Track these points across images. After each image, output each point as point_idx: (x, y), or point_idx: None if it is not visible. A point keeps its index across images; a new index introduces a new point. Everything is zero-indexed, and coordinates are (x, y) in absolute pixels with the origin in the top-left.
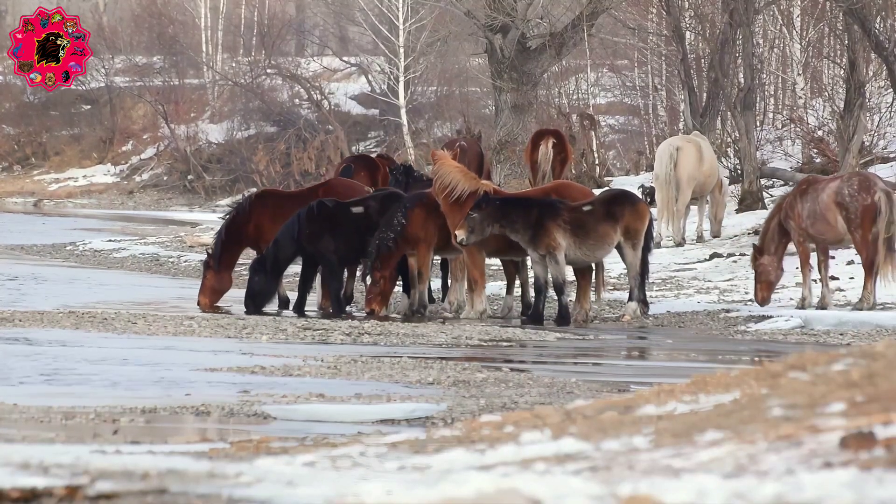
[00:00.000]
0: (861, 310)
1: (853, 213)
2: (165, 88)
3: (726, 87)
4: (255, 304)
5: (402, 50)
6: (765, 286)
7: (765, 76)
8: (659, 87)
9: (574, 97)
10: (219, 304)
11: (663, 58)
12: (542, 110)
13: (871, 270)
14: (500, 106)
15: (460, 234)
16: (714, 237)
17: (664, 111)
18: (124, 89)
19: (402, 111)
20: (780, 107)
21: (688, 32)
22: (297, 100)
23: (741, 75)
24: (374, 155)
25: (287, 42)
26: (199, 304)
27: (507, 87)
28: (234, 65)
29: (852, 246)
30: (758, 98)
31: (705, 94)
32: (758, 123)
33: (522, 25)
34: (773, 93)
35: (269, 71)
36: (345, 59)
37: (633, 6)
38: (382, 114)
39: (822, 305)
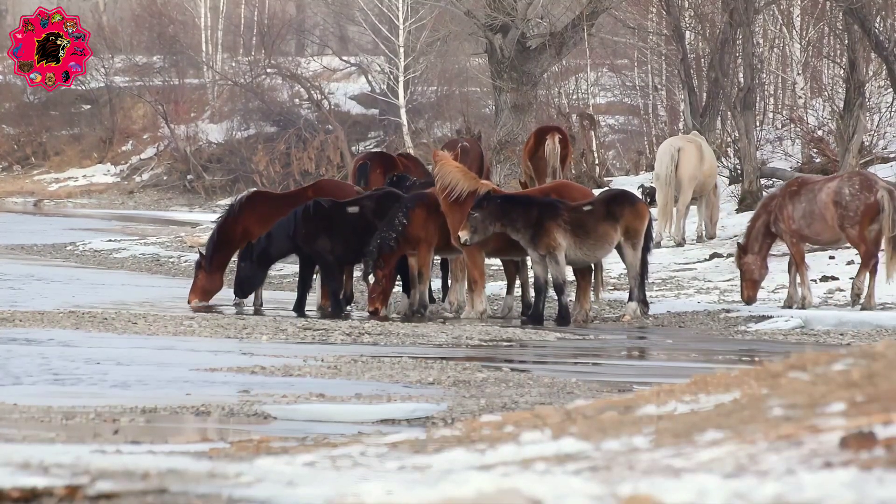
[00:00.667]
0: (856, 303)
1: (853, 211)
2: (165, 88)
3: (726, 86)
4: (242, 289)
5: (402, 49)
6: (750, 285)
7: (765, 76)
8: (659, 86)
9: (574, 97)
10: (210, 303)
11: (663, 57)
12: (542, 110)
13: (868, 263)
14: (500, 106)
15: (464, 235)
16: (710, 239)
17: (664, 111)
18: (124, 89)
19: (402, 111)
20: (780, 107)
21: (688, 32)
22: (297, 100)
23: (741, 75)
24: (395, 153)
25: (287, 42)
26: (189, 304)
27: (507, 86)
28: (234, 65)
29: (850, 245)
30: (758, 98)
31: (705, 94)
32: (758, 123)
33: (522, 25)
34: (773, 93)
35: (269, 71)
36: (344, 58)
37: (633, 6)
38: (382, 114)
39: (788, 304)
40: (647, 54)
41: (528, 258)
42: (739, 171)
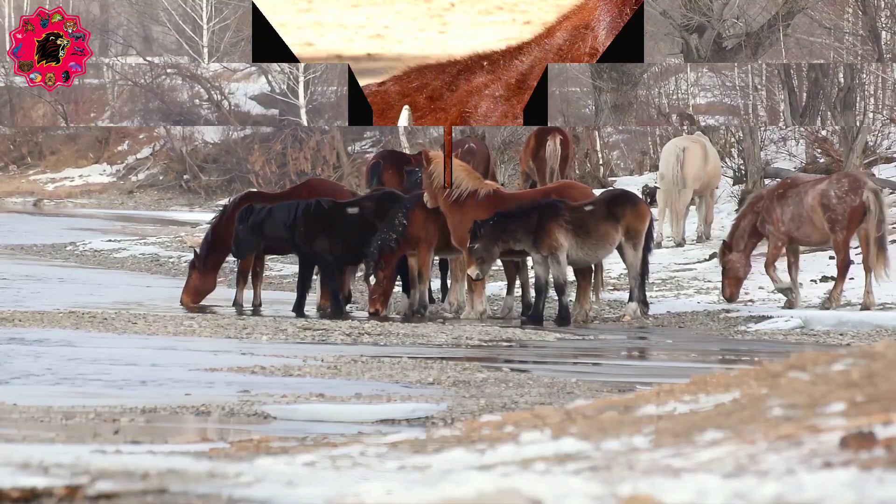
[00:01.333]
0: (828, 309)
1: (840, 215)
2: (65, 89)
3: (826, 86)
4: (237, 250)
5: (205, 50)
6: (733, 282)
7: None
8: (759, 87)
9: (674, 97)
10: (206, 304)
11: (858, 58)
12: (643, 110)
13: (844, 274)
14: (599, 106)
15: (474, 272)
16: (707, 239)
17: (764, 111)
18: (24, 90)
19: (302, 111)
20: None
21: (883, 32)
22: (196, 100)
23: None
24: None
25: (91, 42)
26: (181, 303)
27: (606, 86)
28: (133, 65)
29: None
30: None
31: (805, 94)
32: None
33: (719, 25)
34: None
35: (168, 71)
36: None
37: (829, 6)
38: (282, 114)
39: (788, 305)
40: (842, 54)
41: (529, 258)
42: (744, 172)
